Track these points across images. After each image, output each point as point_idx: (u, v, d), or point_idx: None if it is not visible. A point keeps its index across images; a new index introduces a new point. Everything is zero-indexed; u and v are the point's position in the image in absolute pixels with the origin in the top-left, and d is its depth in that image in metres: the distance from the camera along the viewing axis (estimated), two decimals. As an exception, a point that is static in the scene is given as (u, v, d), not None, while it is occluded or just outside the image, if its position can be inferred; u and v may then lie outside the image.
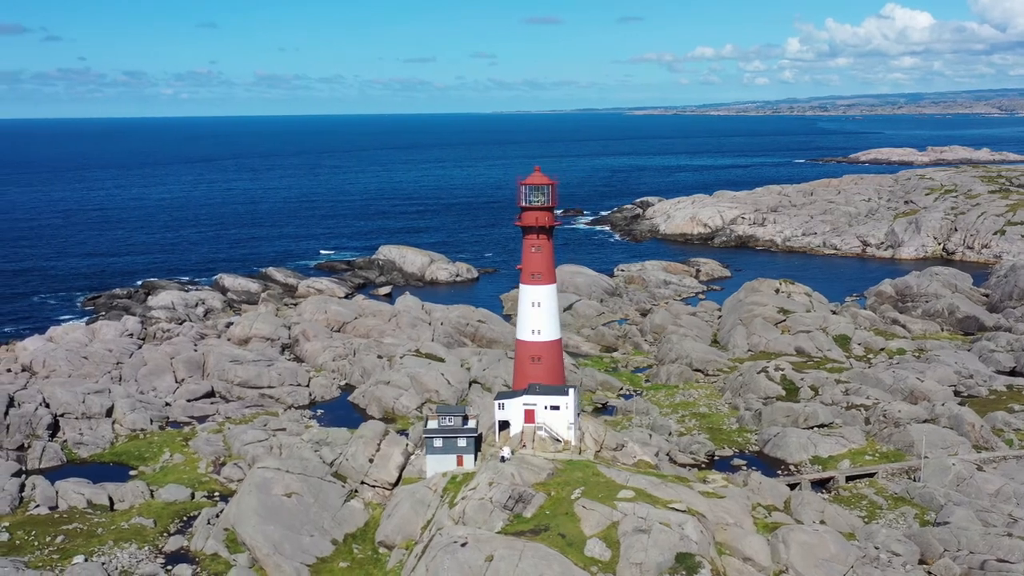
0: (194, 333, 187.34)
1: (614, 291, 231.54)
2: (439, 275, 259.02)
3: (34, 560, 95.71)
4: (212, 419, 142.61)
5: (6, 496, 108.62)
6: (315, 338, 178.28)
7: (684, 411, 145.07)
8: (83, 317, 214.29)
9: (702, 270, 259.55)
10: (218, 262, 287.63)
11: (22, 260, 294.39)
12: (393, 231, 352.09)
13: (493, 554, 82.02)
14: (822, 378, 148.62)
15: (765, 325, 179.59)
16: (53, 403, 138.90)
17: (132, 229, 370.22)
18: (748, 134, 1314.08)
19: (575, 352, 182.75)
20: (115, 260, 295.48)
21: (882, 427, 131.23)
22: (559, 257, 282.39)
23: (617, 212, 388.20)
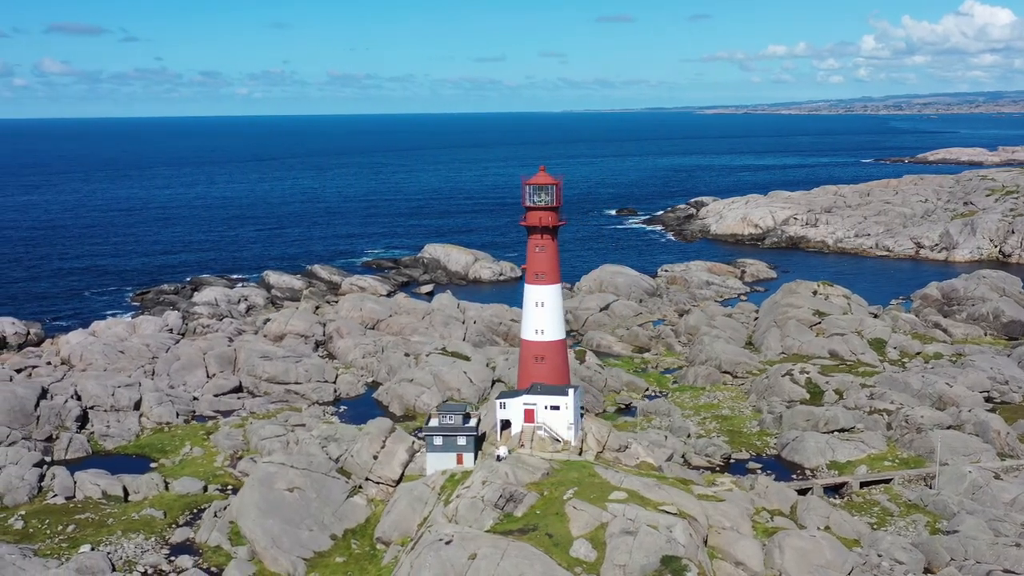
0: (232, 329, 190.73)
1: (655, 291, 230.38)
2: (482, 274, 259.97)
3: (43, 548, 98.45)
4: (237, 414, 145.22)
5: (25, 485, 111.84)
6: (348, 335, 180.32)
7: (706, 413, 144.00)
8: (129, 312, 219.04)
9: (747, 271, 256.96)
10: (269, 259, 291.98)
11: (80, 255, 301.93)
12: (446, 230, 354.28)
13: (477, 552, 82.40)
14: (847, 382, 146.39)
15: (799, 327, 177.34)
16: (84, 396, 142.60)
17: (190, 226, 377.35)
18: (817, 133, 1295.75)
19: (606, 352, 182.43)
20: (169, 256, 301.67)
21: (903, 432, 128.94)
22: (605, 256, 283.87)
23: (670, 212, 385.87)
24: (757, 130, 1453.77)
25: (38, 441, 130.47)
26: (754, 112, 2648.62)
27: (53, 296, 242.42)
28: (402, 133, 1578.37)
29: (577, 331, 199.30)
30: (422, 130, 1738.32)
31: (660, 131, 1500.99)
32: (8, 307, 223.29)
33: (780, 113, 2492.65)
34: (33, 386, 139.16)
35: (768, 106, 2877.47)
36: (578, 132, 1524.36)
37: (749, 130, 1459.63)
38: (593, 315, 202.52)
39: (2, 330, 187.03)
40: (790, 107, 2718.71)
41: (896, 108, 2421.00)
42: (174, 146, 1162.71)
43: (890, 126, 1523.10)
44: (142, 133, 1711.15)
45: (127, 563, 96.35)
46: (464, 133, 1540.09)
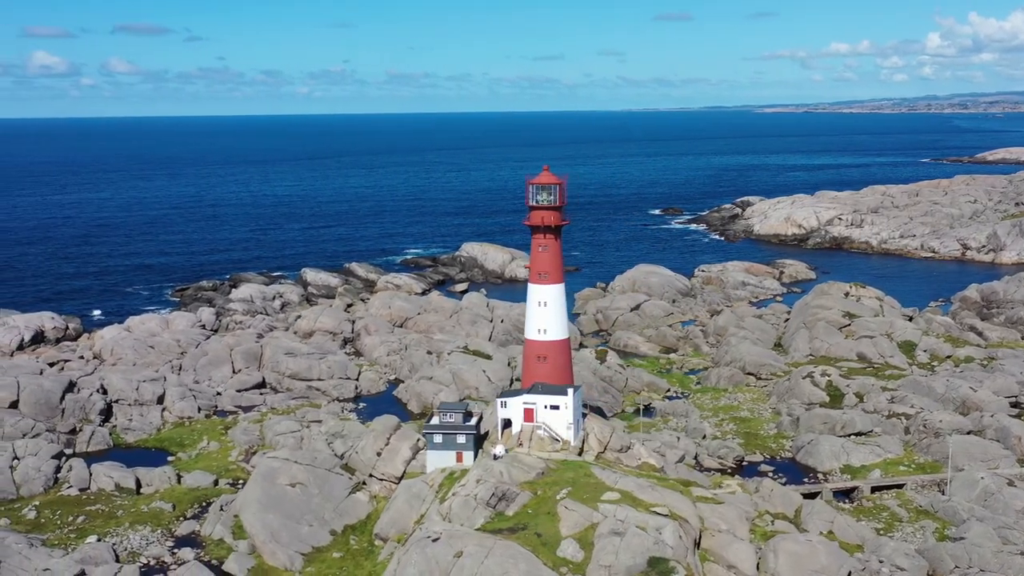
0: (264, 326, 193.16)
1: (689, 292, 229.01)
2: (518, 272, 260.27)
3: (52, 539, 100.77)
4: (257, 409, 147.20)
5: (41, 476, 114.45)
6: (375, 333, 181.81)
7: (724, 415, 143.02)
8: (168, 308, 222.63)
9: (786, 272, 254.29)
10: (311, 257, 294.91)
11: (128, 252, 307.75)
12: (490, 229, 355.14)
13: (463, 551, 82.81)
14: (868, 385, 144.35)
15: (828, 329, 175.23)
16: (110, 390, 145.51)
17: (238, 224, 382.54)
18: (877, 132, 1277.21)
19: (633, 353, 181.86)
20: (214, 253, 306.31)
21: (921, 437, 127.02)
22: (644, 256, 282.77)
23: (715, 212, 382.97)
24: (816, 129, 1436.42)
25: (62, 433, 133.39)
26: (814, 111, 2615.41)
27: (97, 291, 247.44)
28: (458, 132, 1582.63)
29: (606, 331, 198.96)
30: (478, 129, 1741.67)
31: (717, 130, 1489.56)
32: (53, 302, 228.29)
33: (841, 112, 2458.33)
34: (60, 379, 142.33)
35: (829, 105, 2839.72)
36: (635, 131, 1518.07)
37: (808, 129, 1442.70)
38: (623, 315, 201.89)
39: (41, 324, 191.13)
40: (852, 106, 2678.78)
41: (961, 107, 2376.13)
42: (233, 145, 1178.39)
43: (953, 125, 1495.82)
44: (204, 132, 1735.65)
45: (131, 554, 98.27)
46: (519, 132, 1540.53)
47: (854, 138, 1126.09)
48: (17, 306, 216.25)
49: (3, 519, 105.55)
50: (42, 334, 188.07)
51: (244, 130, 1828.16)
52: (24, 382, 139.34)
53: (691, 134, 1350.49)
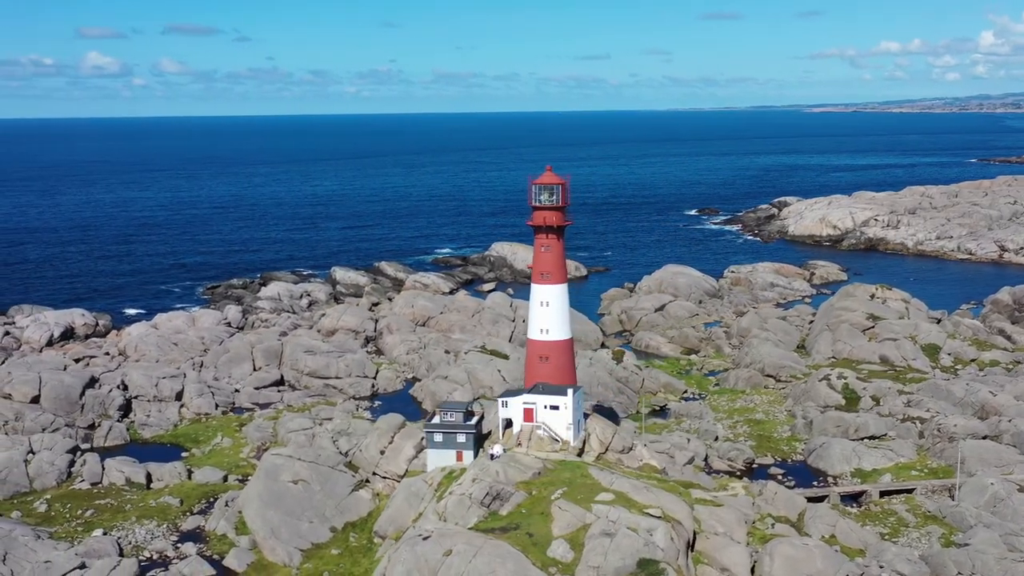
0: (289, 324, 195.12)
1: (716, 293, 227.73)
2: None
3: (59, 531, 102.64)
4: (274, 406, 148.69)
5: (54, 470, 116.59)
6: (397, 331, 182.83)
7: (739, 417, 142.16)
8: (198, 305, 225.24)
9: (816, 273, 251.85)
10: (343, 255, 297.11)
11: (165, 250, 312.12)
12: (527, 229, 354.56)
13: (452, 549, 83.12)
14: (884, 388, 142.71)
15: (852, 331, 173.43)
16: (130, 386, 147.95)
17: (275, 222, 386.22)
18: (926, 132, 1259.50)
19: (654, 353, 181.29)
20: (248, 251, 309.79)
21: (935, 441, 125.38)
22: (675, 256, 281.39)
23: (751, 212, 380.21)
24: (864, 129, 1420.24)
25: (80, 428, 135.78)
26: (863, 110, 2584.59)
27: (132, 289, 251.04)
28: (503, 132, 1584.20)
29: (630, 331, 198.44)
30: (524, 129, 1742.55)
31: (764, 130, 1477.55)
32: (87, 299, 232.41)
33: (891, 112, 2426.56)
34: (81, 375, 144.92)
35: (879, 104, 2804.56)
36: (679, 131, 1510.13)
37: (856, 129, 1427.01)
38: (647, 315, 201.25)
39: (72, 321, 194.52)
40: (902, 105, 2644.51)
41: (1014, 106, 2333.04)
42: (279, 144, 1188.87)
43: (1004, 124, 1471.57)
44: (252, 131, 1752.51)
45: (135, 548, 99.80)
46: (564, 132, 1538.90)
47: (902, 138, 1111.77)
48: (53, 303, 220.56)
49: (15, 512, 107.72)
50: (72, 330, 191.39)
51: (292, 130, 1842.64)
52: (46, 377, 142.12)
53: (736, 134, 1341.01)
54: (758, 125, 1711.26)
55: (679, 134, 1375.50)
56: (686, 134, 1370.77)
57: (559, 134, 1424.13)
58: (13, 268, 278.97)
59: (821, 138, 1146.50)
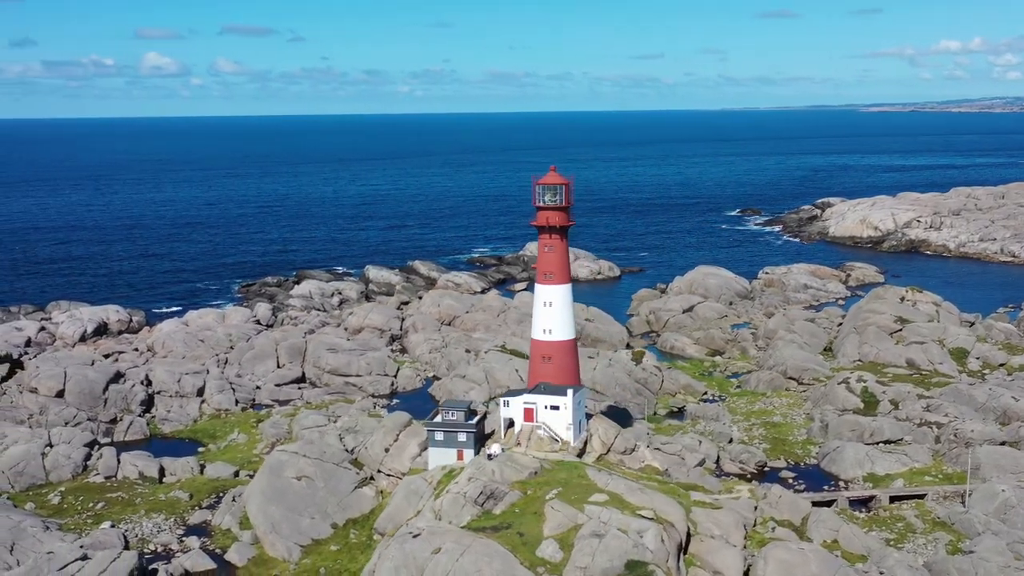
0: (317, 322, 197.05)
1: (747, 294, 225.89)
2: (579, 272, 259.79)
3: (69, 523, 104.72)
4: (293, 403, 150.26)
5: (70, 464, 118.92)
6: (422, 330, 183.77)
7: (756, 419, 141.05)
8: (232, 303, 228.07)
9: (852, 275, 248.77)
10: (381, 254, 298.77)
11: (205, 248, 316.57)
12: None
13: (441, 547, 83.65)
14: (904, 392, 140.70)
15: (879, 334, 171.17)
16: (154, 382, 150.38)
17: (318, 221, 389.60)
18: (984, 132, 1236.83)
19: (679, 355, 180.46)
20: (288, 250, 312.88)
21: (951, 447, 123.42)
22: (711, 257, 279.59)
23: (793, 213, 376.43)
24: (920, 128, 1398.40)
25: (103, 423, 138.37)
26: (921, 110, 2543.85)
27: (170, 286, 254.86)
28: (554, 132, 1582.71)
29: (657, 332, 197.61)
30: (576, 128, 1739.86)
31: (818, 129, 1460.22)
32: (125, 295, 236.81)
33: (949, 111, 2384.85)
34: (105, 370, 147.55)
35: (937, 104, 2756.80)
36: (732, 131, 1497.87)
37: (911, 129, 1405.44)
38: (675, 316, 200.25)
39: (106, 317, 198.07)
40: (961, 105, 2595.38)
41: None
42: (330, 143, 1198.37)
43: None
44: (306, 131, 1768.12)
45: (141, 540, 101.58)
46: (617, 131, 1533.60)
47: (959, 138, 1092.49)
48: (92, 299, 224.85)
49: (29, 503, 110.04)
50: (106, 326, 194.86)
51: (345, 129, 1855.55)
52: (71, 372, 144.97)
53: (789, 133, 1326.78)
54: (812, 125, 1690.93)
55: (732, 134, 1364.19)
56: (739, 134, 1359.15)
57: (611, 134, 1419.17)
58: (59, 265, 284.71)
59: (875, 138, 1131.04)
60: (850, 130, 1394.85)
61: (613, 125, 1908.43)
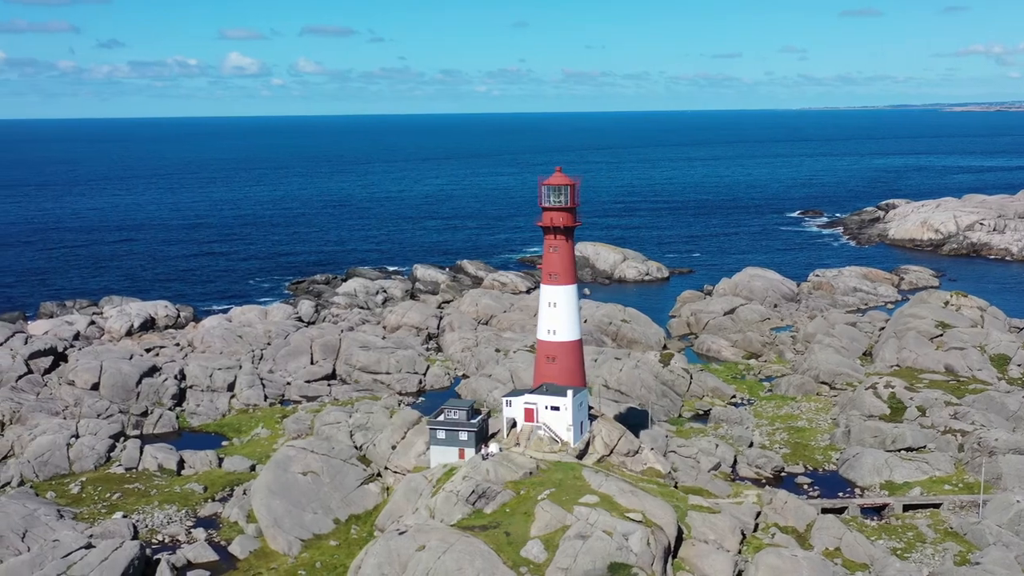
0: (357, 319, 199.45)
1: (794, 297, 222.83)
2: (627, 273, 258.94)
3: (83, 513, 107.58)
4: (320, 399, 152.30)
5: (93, 455, 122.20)
6: (458, 329, 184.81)
7: (781, 424, 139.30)
8: (280, 299, 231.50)
9: (906, 278, 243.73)
10: (434, 253, 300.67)
11: (264, 246, 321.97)
12: (615, 227, 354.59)
13: (425, 545, 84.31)
14: (931, 399, 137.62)
15: (918, 339, 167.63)
16: (187, 376, 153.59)
17: (378, 220, 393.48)
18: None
19: (715, 357, 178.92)
20: (343, 248, 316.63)
21: (974, 455, 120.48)
22: (763, 259, 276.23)
23: (855, 215, 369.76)
24: (1003, 129, 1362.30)
25: (133, 415, 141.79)
26: (1008, 109, 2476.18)
27: (222, 282, 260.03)
28: (631, 131, 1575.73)
29: (695, 334, 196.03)
30: (653, 128, 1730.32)
31: (897, 130, 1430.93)
32: (179, 291, 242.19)
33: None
34: (140, 364, 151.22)
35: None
36: (810, 130, 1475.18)
37: (994, 129, 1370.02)
38: (716, 318, 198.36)
39: (154, 312, 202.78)
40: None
41: None
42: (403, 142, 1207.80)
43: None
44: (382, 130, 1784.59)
45: (150, 531, 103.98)
46: (693, 131, 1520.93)
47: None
48: (146, 294, 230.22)
49: (50, 492, 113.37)
50: (153, 321, 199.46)
51: (421, 128, 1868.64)
52: (106, 366, 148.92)
53: (867, 134, 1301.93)
54: (892, 125, 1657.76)
55: (808, 134, 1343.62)
56: (816, 134, 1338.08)
57: (686, 134, 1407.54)
58: (119, 261, 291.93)
59: (955, 138, 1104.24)
60: (931, 130, 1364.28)
61: (689, 125, 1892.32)
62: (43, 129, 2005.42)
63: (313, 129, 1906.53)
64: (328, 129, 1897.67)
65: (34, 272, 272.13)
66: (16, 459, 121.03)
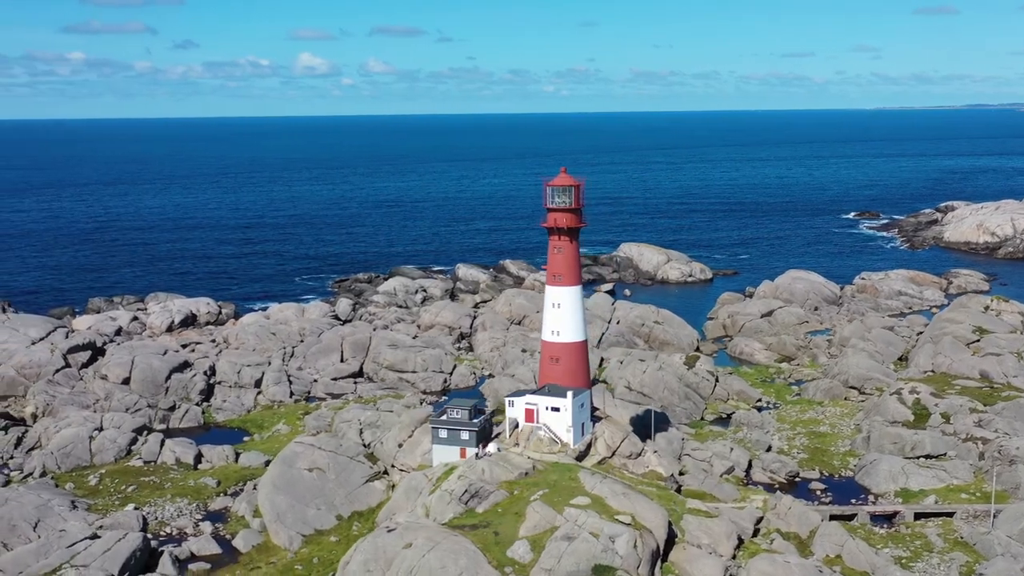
0: (393, 318, 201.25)
1: (836, 300, 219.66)
2: (670, 274, 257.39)
3: (97, 504, 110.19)
4: (344, 397, 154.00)
5: (114, 447, 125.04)
6: (490, 328, 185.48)
7: (802, 428, 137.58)
8: (322, 297, 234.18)
9: (955, 282, 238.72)
10: (480, 252, 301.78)
11: (314, 244, 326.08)
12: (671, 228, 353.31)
13: (412, 542, 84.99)
14: (956, 405, 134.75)
15: (954, 345, 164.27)
16: (217, 372, 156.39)
17: (430, 219, 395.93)
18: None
19: (747, 360, 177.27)
20: (391, 248, 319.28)
21: (995, 464, 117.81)
22: (810, 261, 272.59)
23: (912, 217, 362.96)
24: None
25: (161, 410, 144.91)
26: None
27: (269, 280, 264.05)
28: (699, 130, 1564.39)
29: (731, 336, 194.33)
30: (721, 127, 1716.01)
31: (971, 130, 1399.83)
32: (225, 288, 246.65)
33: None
34: (170, 360, 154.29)
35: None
36: (880, 130, 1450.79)
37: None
38: (751, 321, 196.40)
39: (196, 308, 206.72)
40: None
41: None
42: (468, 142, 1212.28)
43: None
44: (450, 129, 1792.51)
45: (159, 523, 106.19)
46: (763, 131, 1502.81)
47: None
48: (195, 291, 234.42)
49: (69, 483, 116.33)
50: (194, 317, 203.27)
51: (489, 128, 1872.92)
52: (138, 361, 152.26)
53: (940, 134, 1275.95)
54: (967, 125, 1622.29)
55: (879, 134, 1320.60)
56: (886, 134, 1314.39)
57: (753, 134, 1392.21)
58: (175, 258, 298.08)
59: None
60: (1007, 131, 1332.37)
61: (757, 125, 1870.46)
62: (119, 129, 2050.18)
63: (381, 129, 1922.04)
64: (396, 129, 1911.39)
65: (89, 268, 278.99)
66: (40, 450, 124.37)
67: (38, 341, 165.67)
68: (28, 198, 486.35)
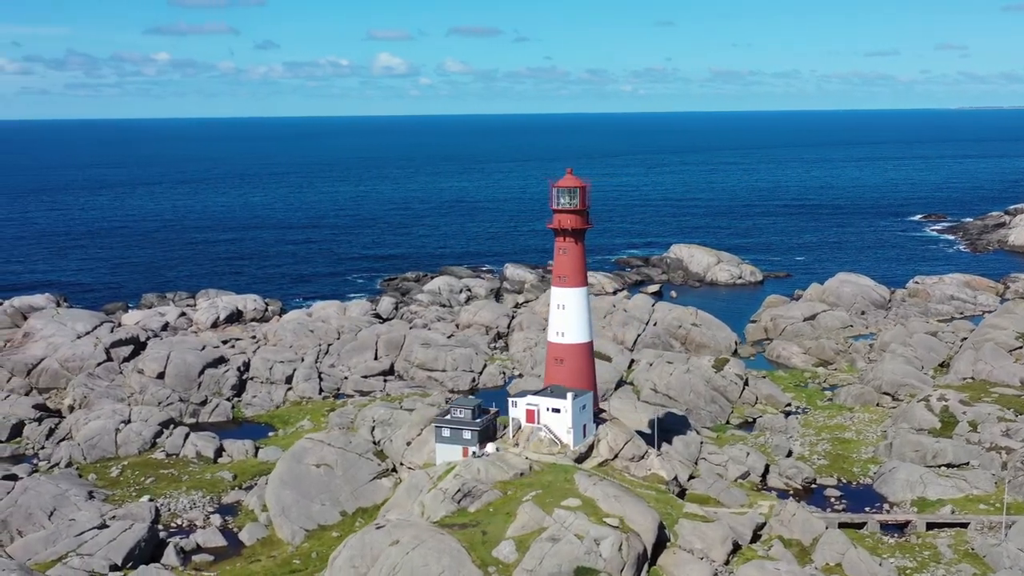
0: (433, 316, 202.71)
1: (884, 304, 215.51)
2: (719, 276, 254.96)
3: (114, 495, 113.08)
4: (373, 394, 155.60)
5: (138, 440, 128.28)
6: (526, 329, 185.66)
7: (827, 434, 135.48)
8: (369, 295, 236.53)
9: (1012, 287, 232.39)
10: (531, 252, 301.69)
11: (370, 243, 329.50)
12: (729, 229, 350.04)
13: (399, 540, 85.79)
14: (984, 413, 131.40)
15: (996, 351, 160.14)
16: (251, 368, 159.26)
17: (487, 219, 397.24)
18: None
19: (784, 364, 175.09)
20: (444, 247, 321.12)
21: (1017, 474, 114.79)
22: (871, 264, 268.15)
23: (979, 220, 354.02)
24: None
25: (192, 404, 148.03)
26: None
27: (320, 278, 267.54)
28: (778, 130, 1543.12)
29: (771, 339, 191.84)
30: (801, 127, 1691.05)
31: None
32: (277, 285, 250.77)
33: None
34: (204, 356, 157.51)
35: None
36: (964, 131, 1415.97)
37: None
38: (794, 324, 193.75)
39: (243, 305, 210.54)
40: None
41: None
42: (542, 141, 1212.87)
43: None
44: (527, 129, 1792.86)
45: (172, 515, 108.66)
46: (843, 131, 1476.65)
47: None
48: (245, 288, 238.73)
49: (92, 474, 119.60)
50: (240, 314, 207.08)
51: (566, 128, 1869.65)
52: (173, 356, 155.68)
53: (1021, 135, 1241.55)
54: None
55: (962, 134, 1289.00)
56: (969, 134, 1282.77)
57: (830, 134, 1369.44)
58: (233, 256, 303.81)
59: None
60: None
61: (836, 125, 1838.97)
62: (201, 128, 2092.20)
63: (457, 129, 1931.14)
64: (472, 129, 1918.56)
65: (148, 265, 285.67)
66: (68, 442, 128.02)
67: (83, 335, 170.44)
68: (102, 195, 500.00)
